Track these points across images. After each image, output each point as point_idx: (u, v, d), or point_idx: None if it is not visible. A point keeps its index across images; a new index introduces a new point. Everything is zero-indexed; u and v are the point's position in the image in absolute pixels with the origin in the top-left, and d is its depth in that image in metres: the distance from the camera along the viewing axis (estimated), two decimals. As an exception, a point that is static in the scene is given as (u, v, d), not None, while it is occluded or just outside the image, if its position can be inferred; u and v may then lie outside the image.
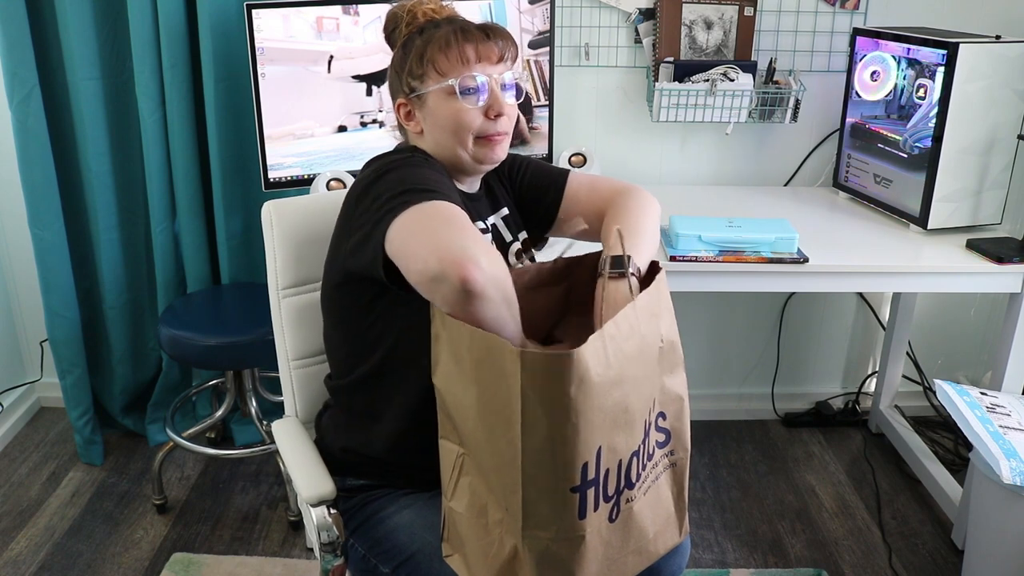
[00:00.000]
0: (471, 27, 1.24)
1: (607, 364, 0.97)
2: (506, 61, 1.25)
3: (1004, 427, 1.70)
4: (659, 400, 1.11)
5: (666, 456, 1.15)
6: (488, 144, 1.25)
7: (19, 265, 2.44)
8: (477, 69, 1.21)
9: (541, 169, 1.42)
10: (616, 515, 1.05)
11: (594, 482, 1.00)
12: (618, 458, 1.02)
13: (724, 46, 2.18)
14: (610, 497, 1.03)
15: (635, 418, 1.04)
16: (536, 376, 0.95)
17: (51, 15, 2.06)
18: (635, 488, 1.07)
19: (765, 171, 2.35)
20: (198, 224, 2.20)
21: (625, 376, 1.00)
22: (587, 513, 1.00)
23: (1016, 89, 1.86)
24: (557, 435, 0.97)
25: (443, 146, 1.26)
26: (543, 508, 1.01)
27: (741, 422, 2.59)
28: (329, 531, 1.23)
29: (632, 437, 1.04)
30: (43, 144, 2.10)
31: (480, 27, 1.24)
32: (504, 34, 1.26)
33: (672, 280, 1.82)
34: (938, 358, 2.57)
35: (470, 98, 1.22)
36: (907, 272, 1.85)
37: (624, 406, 1.01)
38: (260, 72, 1.89)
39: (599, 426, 0.98)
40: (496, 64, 1.24)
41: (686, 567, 1.33)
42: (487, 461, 1.07)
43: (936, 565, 2.01)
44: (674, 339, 1.14)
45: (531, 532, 1.02)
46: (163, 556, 2.01)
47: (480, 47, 1.22)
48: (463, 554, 1.14)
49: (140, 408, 2.44)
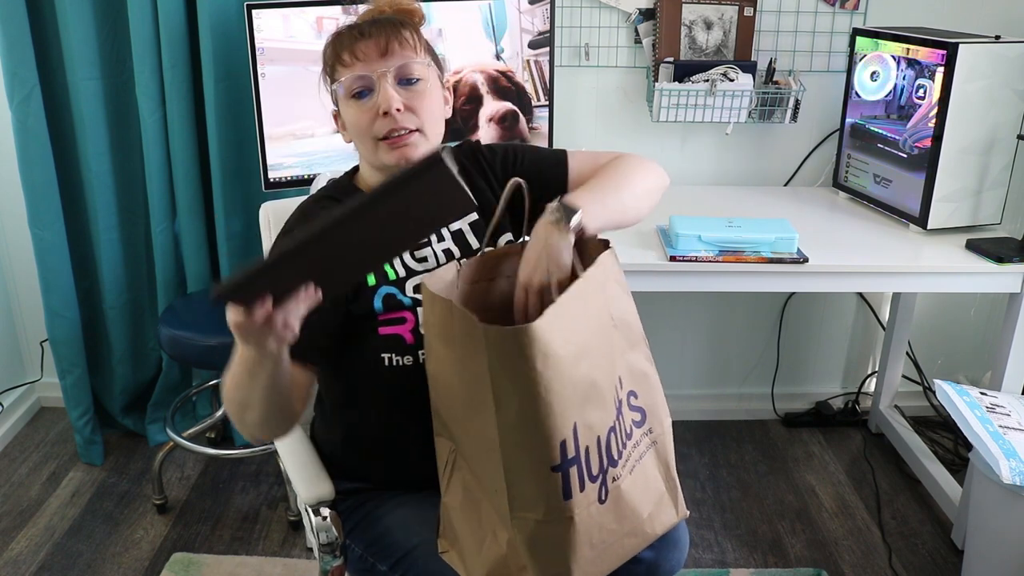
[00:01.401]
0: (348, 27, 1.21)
1: (566, 338, 0.98)
2: (392, 54, 1.18)
3: (1004, 427, 1.70)
4: (625, 379, 1.11)
5: (646, 435, 1.15)
6: (391, 147, 1.19)
7: (19, 265, 2.45)
8: (360, 68, 1.18)
9: (539, 154, 1.37)
10: (605, 495, 1.05)
11: (575, 460, 1.00)
12: (596, 435, 1.03)
13: (724, 46, 2.18)
14: (595, 476, 1.03)
15: (604, 393, 1.04)
16: (502, 352, 0.97)
17: (51, 15, 2.06)
18: (619, 466, 1.08)
19: (765, 171, 2.35)
20: (198, 224, 2.20)
21: (588, 349, 1.02)
22: (572, 493, 1.01)
23: (1016, 89, 1.87)
24: (529, 412, 0.98)
25: (364, 154, 1.24)
26: (528, 489, 1.01)
27: (741, 422, 2.59)
28: (328, 532, 1.23)
29: (606, 412, 1.05)
30: (43, 144, 2.10)
31: (358, 25, 1.21)
32: (387, 25, 1.20)
33: (672, 280, 1.84)
34: (938, 358, 2.57)
35: (361, 101, 1.19)
36: (907, 272, 1.85)
37: (591, 380, 1.02)
38: (260, 72, 1.89)
39: (571, 401, 0.99)
40: (381, 59, 1.18)
41: (686, 567, 1.33)
42: (473, 449, 1.08)
43: (936, 565, 2.01)
44: (628, 319, 1.13)
45: (519, 515, 1.03)
46: (163, 556, 2.01)
47: (356, 45, 1.18)
48: (458, 549, 1.15)
49: (140, 408, 2.44)
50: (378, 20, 1.21)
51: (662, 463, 1.17)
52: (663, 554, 1.21)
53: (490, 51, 2.00)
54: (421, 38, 1.23)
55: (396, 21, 1.21)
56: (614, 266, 1.13)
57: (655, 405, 1.17)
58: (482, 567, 1.10)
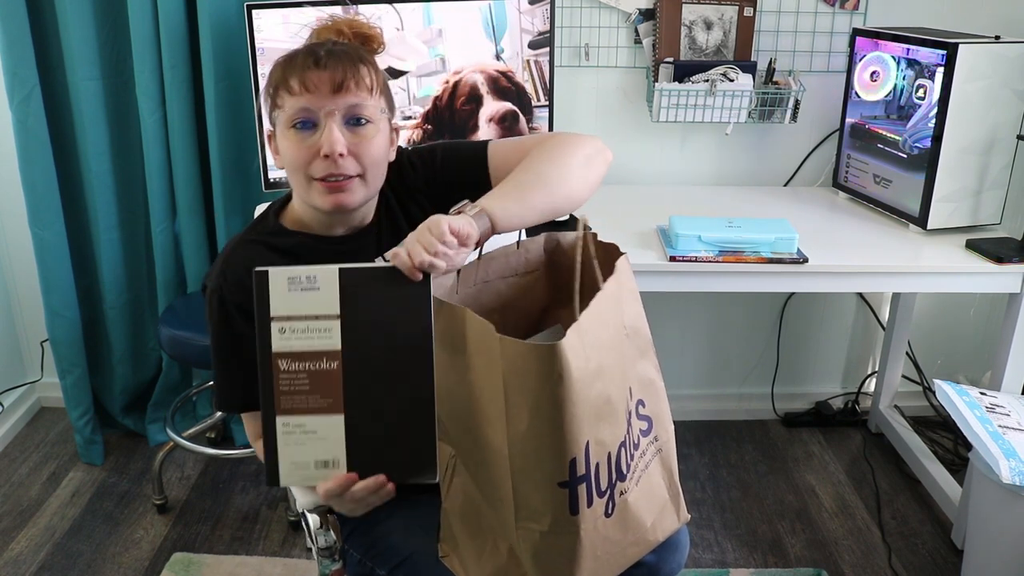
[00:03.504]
0: (304, 51, 1.10)
1: (588, 356, 0.97)
2: (345, 91, 1.09)
3: (1003, 427, 1.70)
4: (635, 389, 1.10)
5: (652, 443, 1.14)
6: (327, 190, 1.10)
7: (19, 265, 2.45)
8: (307, 100, 1.08)
9: (457, 152, 1.26)
10: (612, 509, 1.05)
11: (584, 478, 0.99)
12: (607, 451, 1.02)
13: (724, 46, 2.18)
14: (603, 492, 1.03)
15: (618, 409, 1.03)
16: (516, 366, 0.95)
17: (51, 15, 2.06)
18: (627, 479, 1.07)
19: (765, 171, 2.35)
20: (198, 224, 2.20)
21: (603, 367, 1.00)
22: (580, 509, 1.00)
23: (1016, 89, 1.87)
24: (541, 429, 0.96)
25: (296, 189, 1.15)
26: (534, 501, 1.01)
27: (741, 422, 2.59)
28: (326, 536, 1.23)
29: (617, 428, 1.03)
30: (43, 144, 2.10)
31: (315, 51, 1.10)
32: (344, 59, 1.10)
33: (672, 280, 1.84)
34: (938, 358, 2.57)
35: (302, 134, 1.09)
36: (907, 272, 1.85)
37: (606, 396, 1.00)
38: (260, 72, 1.89)
39: (584, 420, 0.97)
40: (331, 95, 1.08)
41: (686, 567, 1.33)
42: (476, 456, 1.07)
43: (936, 565, 2.01)
44: (638, 325, 1.12)
45: (524, 525, 1.02)
46: (163, 556, 2.01)
47: (308, 75, 1.08)
48: (458, 554, 1.15)
49: (140, 408, 2.44)
50: (336, 51, 1.11)
51: (666, 470, 1.17)
52: (664, 557, 1.20)
53: (490, 51, 2.00)
54: (379, 76, 1.14)
55: (355, 56, 1.12)
56: (627, 272, 1.12)
57: (661, 412, 1.16)
58: (482, 574, 1.10)
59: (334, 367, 0.99)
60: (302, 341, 0.98)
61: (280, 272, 0.97)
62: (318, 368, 0.99)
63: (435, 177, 1.26)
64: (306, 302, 0.98)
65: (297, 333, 0.98)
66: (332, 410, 1.00)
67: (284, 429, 1.00)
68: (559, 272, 1.23)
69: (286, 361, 0.99)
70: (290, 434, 1.00)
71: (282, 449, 1.00)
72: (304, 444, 1.00)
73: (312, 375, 0.99)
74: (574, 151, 1.18)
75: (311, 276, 0.97)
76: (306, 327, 0.98)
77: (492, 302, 1.19)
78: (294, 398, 0.99)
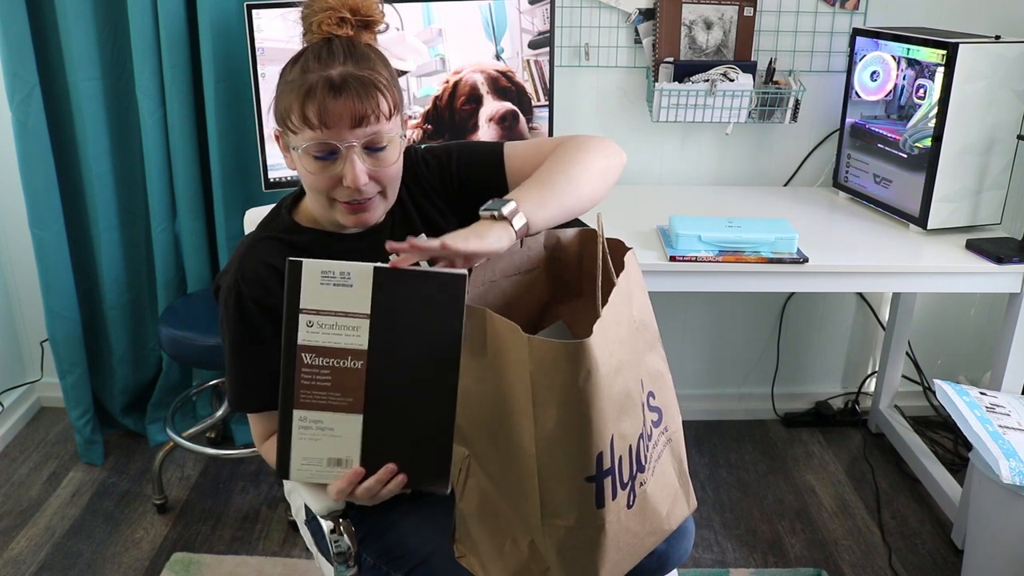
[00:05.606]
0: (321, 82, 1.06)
1: (611, 351, 0.98)
2: (366, 124, 1.08)
3: (1004, 427, 1.70)
4: (646, 381, 1.12)
5: (663, 433, 1.16)
6: (349, 210, 1.13)
7: (19, 265, 2.45)
8: (327, 135, 1.07)
9: (473, 153, 1.27)
10: (633, 500, 1.06)
11: (610, 471, 1.00)
12: (628, 444, 1.03)
13: (724, 46, 2.18)
14: (626, 484, 1.04)
15: (636, 401, 1.05)
16: (544, 365, 0.96)
17: (51, 15, 2.06)
18: (645, 471, 1.08)
19: (765, 171, 2.35)
20: (198, 224, 2.20)
21: (623, 362, 1.01)
22: (605, 502, 1.01)
23: (1016, 89, 1.87)
24: (569, 425, 0.97)
25: (315, 205, 1.17)
26: (560, 497, 1.01)
27: (741, 422, 2.59)
28: (340, 542, 1.22)
29: (636, 421, 1.05)
30: (43, 144, 2.10)
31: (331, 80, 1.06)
32: (362, 88, 1.07)
33: (672, 280, 1.84)
34: (938, 358, 2.57)
35: (323, 161, 1.09)
36: (907, 272, 1.85)
37: (627, 391, 1.02)
38: (260, 72, 1.89)
39: (609, 414, 0.98)
40: (351, 130, 1.07)
41: (686, 567, 1.34)
42: (495, 454, 1.07)
43: (936, 565, 2.01)
44: (646, 318, 1.14)
45: (550, 521, 1.02)
46: (163, 556, 2.01)
47: (326, 107, 1.06)
48: (477, 554, 1.14)
49: (140, 408, 2.44)
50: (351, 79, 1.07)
51: (676, 459, 1.18)
52: (673, 544, 1.22)
53: (490, 51, 2.00)
54: (394, 93, 1.12)
55: (371, 83, 1.08)
56: (635, 266, 1.13)
57: (669, 403, 1.18)
58: (503, 572, 1.10)
59: (358, 366, 0.99)
60: (329, 337, 0.98)
61: (314, 265, 0.97)
62: (342, 366, 0.99)
63: (450, 178, 1.27)
64: (337, 298, 0.97)
65: (325, 328, 0.98)
66: (351, 409, 1.00)
67: (301, 423, 1.00)
68: (559, 268, 1.23)
69: (310, 355, 0.98)
70: (306, 429, 1.00)
71: (296, 443, 1.00)
72: (319, 440, 1.00)
73: (335, 372, 0.99)
74: (596, 154, 1.20)
75: (345, 272, 0.97)
76: (334, 323, 0.98)
77: (498, 301, 1.19)
78: (314, 393, 0.99)
